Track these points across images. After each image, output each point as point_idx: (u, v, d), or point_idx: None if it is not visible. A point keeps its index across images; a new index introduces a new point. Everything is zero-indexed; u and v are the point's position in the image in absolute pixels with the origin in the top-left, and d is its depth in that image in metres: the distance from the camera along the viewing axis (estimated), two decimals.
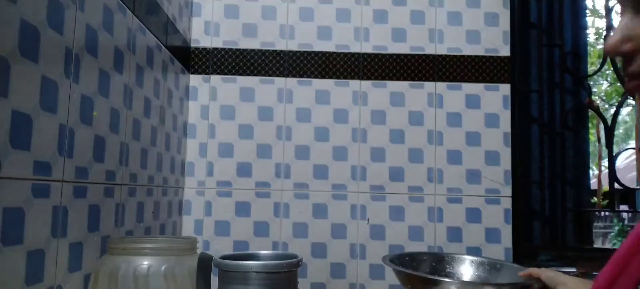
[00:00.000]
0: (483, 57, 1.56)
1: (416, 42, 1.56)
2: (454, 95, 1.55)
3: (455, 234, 1.51)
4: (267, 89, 1.55)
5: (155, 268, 0.76)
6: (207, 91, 1.55)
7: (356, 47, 1.56)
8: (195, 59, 1.56)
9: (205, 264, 0.83)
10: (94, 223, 0.90)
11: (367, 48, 1.56)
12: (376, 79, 1.55)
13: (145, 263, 0.78)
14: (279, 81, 1.56)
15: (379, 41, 1.56)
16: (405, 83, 1.55)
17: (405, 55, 1.56)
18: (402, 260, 1.19)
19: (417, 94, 1.55)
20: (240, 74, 1.56)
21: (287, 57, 1.56)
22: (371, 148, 1.53)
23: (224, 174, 1.53)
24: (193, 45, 1.56)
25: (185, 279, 0.79)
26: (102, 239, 0.93)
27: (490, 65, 1.56)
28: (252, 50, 1.56)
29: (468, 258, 1.30)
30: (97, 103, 0.91)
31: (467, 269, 1.28)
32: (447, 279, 1.15)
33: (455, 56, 1.56)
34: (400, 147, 1.53)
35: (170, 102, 1.37)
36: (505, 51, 1.57)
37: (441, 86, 1.55)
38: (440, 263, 1.29)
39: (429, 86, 1.55)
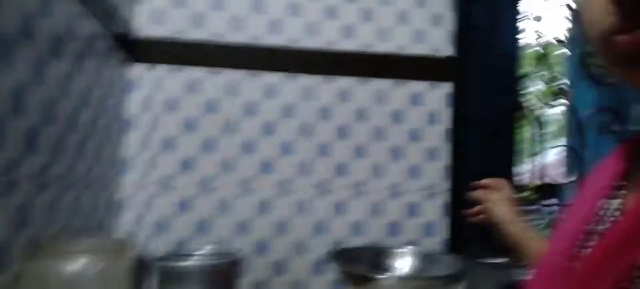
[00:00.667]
0: (427, 56, 1.61)
1: (364, 40, 1.59)
2: (399, 93, 1.60)
3: (394, 228, 1.56)
4: (214, 81, 1.53)
5: (88, 270, 0.74)
6: (150, 82, 1.51)
7: (306, 43, 1.57)
8: (139, 48, 1.50)
9: (142, 265, 0.81)
10: (22, 222, 0.86)
11: (317, 43, 1.57)
12: (326, 74, 1.57)
13: (77, 264, 0.75)
14: (227, 74, 1.54)
15: (328, 37, 1.58)
16: (353, 79, 1.58)
17: (354, 53, 1.58)
18: (345, 255, 1.22)
19: (363, 90, 1.58)
20: (187, 65, 1.52)
21: (236, 50, 1.54)
22: (318, 144, 1.55)
23: (166, 169, 1.49)
24: (137, 33, 1.51)
25: (120, 282, 0.77)
26: (30, 239, 0.89)
27: (434, 64, 1.62)
28: (200, 41, 1.53)
29: (407, 249, 1.36)
30: (32, 92, 0.86)
31: (406, 261, 1.34)
32: (386, 274, 1.19)
33: (401, 55, 1.60)
34: (345, 144, 1.56)
35: (110, 93, 1.32)
36: (448, 51, 1.63)
37: (387, 83, 1.59)
38: (381, 256, 1.33)
39: (375, 83, 1.59)
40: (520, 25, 1.86)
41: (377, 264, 1.26)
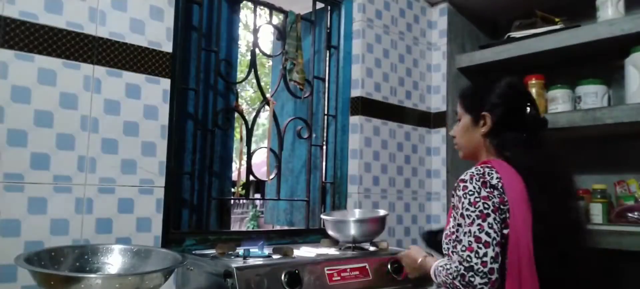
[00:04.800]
0: (146, 48, 1.57)
1: (73, 18, 1.43)
2: (113, 82, 1.50)
3: (105, 225, 1.45)
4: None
5: None
6: None
7: None
8: None
9: None
10: None
11: (11, 13, 1.32)
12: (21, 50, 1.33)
13: None
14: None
15: (29, 8, 1.35)
16: (58, 61, 1.40)
17: (60, 30, 1.40)
18: (41, 257, 1.08)
19: (71, 74, 1.42)
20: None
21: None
22: (9, 130, 1.31)
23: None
24: None
25: None
26: None
27: (153, 58, 1.59)
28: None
29: (117, 247, 1.29)
30: None
31: (116, 258, 1.28)
32: (91, 275, 1.11)
33: (117, 42, 1.51)
34: (47, 132, 1.37)
35: None
36: (167, 47, 1.62)
37: (100, 70, 1.47)
38: (86, 255, 1.23)
39: (86, 67, 1.45)
40: (237, 33, 2.01)
41: (83, 264, 1.15)
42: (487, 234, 1.13)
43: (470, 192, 1.17)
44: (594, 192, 2.05)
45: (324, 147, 2.21)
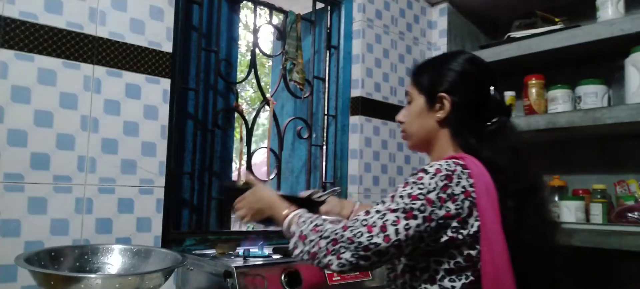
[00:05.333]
0: (146, 48, 1.57)
1: (73, 18, 1.43)
2: (113, 82, 1.50)
3: (105, 225, 1.45)
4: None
5: None
6: None
7: None
8: None
9: None
10: None
11: (12, 13, 1.32)
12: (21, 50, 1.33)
13: None
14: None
15: (29, 8, 1.35)
16: (58, 61, 1.40)
17: (60, 30, 1.40)
18: (41, 258, 1.08)
19: (71, 74, 1.42)
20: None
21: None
22: (9, 130, 1.31)
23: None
24: None
25: None
26: None
27: (153, 58, 1.59)
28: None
29: (117, 247, 1.30)
30: None
31: (116, 258, 1.28)
32: (91, 275, 1.11)
33: (117, 42, 1.51)
34: (47, 132, 1.37)
35: None
36: (167, 47, 1.62)
37: (100, 70, 1.47)
38: (86, 255, 1.24)
39: (86, 68, 1.45)
40: (237, 33, 2.01)
41: (83, 264, 1.16)
42: (396, 232, 0.92)
43: (420, 186, 0.96)
44: (594, 192, 2.05)
45: (324, 147, 2.21)
